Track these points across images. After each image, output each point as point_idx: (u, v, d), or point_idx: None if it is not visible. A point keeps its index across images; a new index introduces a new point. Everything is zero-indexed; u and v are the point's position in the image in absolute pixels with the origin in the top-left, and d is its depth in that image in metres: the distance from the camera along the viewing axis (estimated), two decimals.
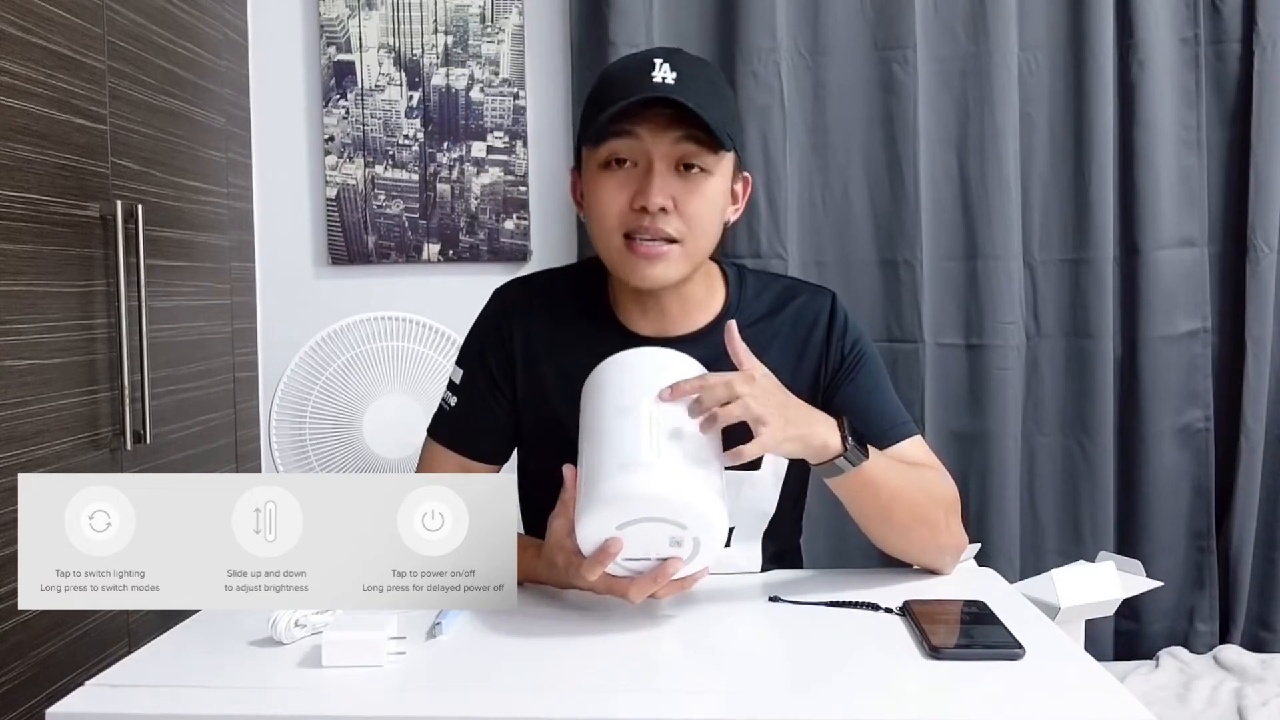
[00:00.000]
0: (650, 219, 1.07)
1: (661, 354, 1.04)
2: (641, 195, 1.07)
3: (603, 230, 1.11)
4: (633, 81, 1.06)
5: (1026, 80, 2.17)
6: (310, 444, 1.80)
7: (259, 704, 0.83)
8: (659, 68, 1.05)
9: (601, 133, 1.08)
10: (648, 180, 1.07)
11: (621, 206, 1.09)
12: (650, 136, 1.07)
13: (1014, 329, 2.16)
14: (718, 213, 1.13)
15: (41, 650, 1.48)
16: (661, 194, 1.07)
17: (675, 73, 1.05)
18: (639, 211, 1.08)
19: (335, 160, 2.28)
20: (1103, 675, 0.87)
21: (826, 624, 1.01)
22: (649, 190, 1.06)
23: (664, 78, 1.04)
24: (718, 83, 1.13)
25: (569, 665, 0.91)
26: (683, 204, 1.08)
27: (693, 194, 1.08)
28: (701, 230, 1.11)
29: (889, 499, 1.09)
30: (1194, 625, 2.17)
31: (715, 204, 1.12)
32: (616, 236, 1.10)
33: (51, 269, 1.51)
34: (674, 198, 1.08)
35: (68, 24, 1.55)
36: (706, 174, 1.09)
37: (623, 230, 1.10)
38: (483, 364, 1.23)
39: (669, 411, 0.95)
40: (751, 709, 0.81)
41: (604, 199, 1.10)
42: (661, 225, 1.08)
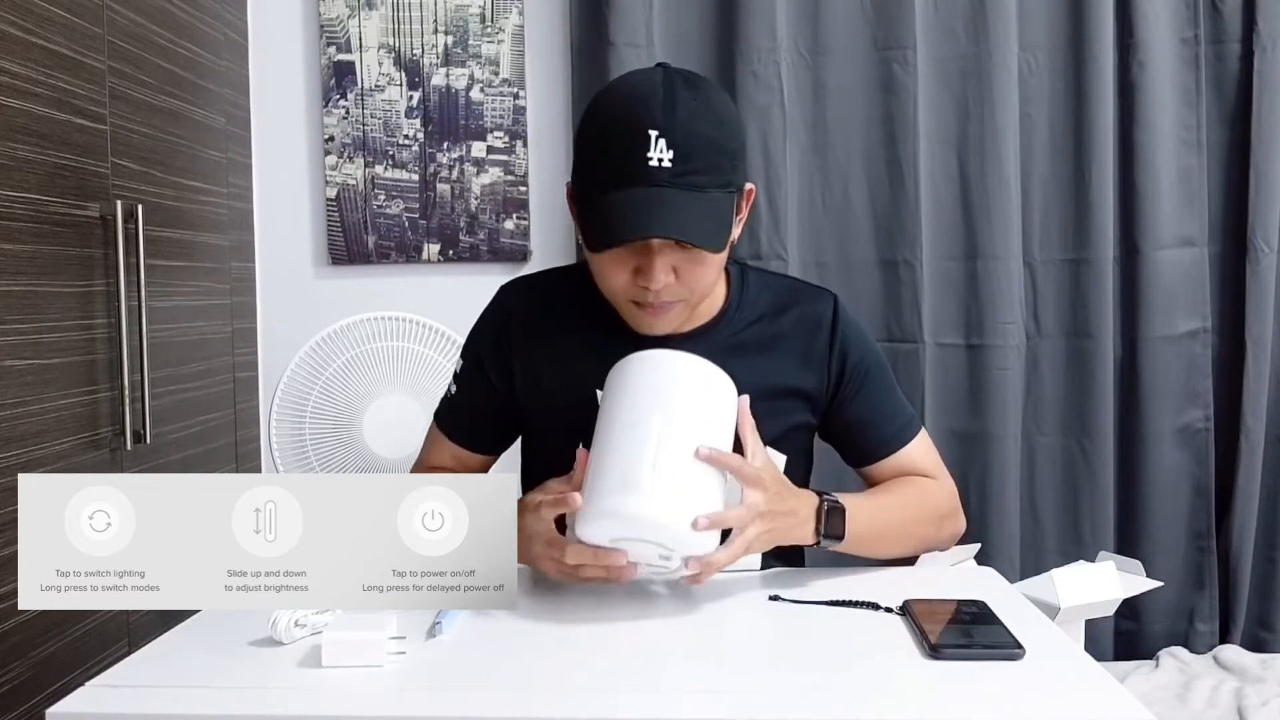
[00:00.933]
0: (653, 294, 1.08)
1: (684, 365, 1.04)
2: (642, 275, 1.07)
3: (607, 293, 1.14)
4: (629, 164, 1.03)
5: (1026, 80, 2.17)
6: (310, 444, 1.80)
7: (259, 704, 0.83)
8: (654, 145, 1.02)
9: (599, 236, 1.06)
10: (649, 263, 1.06)
11: (625, 279, 1.09)
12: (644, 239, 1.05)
13: (1014, 329, 2.16)
14: (719, 266, 1.13)
15: (41, 650, 1.48)
16: (664, 274, 1.07)
17: (672, 150, 1.02)
18: (642, 287, 1.08)
19: (335, 160, 2.28)
20: (1103, 675, 0.87)
21: (827, 623, 1.01)
22: (650, 275, 1.06)
23: (659, 159, 1.02)
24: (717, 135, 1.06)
25: (569, 665, 0.91)
26: (684, 274, 1.08)
27: (695, 264, 1.08)
28: (705, 288, 1.13)
29: (874, 543, 1.16)
30: (1194, 625, 2.17)
31: (716, 265, 1.12)
32: (623, 301, 1.13)
33: (51, 269, 1.51)
34: (675, 268, 1.08)
35: (68, 24, 1.55)
36: None
37: (627, 298, 1.11)
38: (480, 359, 1.26)
39: (677, 432, 0.98)
40: (751, 709, 0.81)
41: (606, 274, 1.11)
42: (666, 297, 1.09)
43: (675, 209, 1.03)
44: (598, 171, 1.08)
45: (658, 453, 0.96)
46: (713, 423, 1.03)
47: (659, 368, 1.04)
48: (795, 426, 1.22)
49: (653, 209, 1.03)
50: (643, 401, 1.01)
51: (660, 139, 1.02)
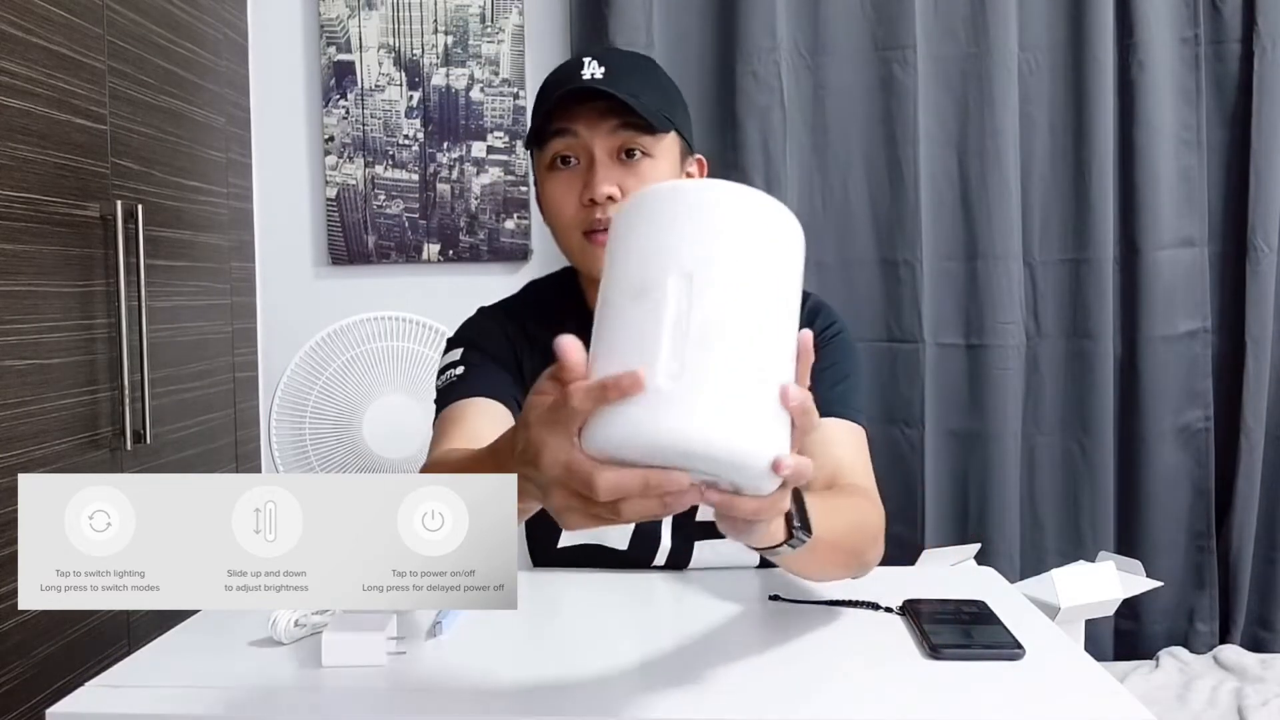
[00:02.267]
0: (601, 209, 1.09)
1: (708, 191, 0.68)
2: (588, 188, 1.09)
3: (561, 229, 1.13)
4: (563, 81, 1.09)
5: (1026, 80, 2.17)
6: (310, 444, 1.80)
7: (259, 704, 0.83)
8: (588, 66, 1.08)
9: (542, 134, 1.10)
10: (591, 174, 1.09)
11: (573, 204, 1.10)
12: (587, 130, 1.08)
13: (1014, 329, 2.16)
14: None
15: (41, 650, 1.48)
16: (606, 183, 1.08)
17: (604, 68, 1.08)
18: (589, 206, 1.09)
19: (335, 160, 2.28)
20: (1103, 675, 0.87)
21: (826, 623, 1.01)
22: (593, 182, 1.08)
23: (593, 74, 1.08)
24: (650, 71, 1.16)
25: (568, 665, 0.91)
26: (629, 189, 1.09)
27: (637, 177, 1.10)
28: None
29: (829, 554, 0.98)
30: (1194, 625, 2.17)
31: None
32: (575, 234, 1.12)
33: (51, 269, 1.51)
34: (619, 185, 1.09)
35: (68, 24, 1.55)
36: (649, 158, 1.11)
37: (580, 228, 1.11)
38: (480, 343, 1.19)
39: (707, 289, 0.64)
40: (751, 709, 0.81)
41: (555, 199, 1.12)
42: (612, 214, 1.08)
43: (603, 84, 1.06)
44: (540, 104, 1.11)
45: (678, 329, 0.63)
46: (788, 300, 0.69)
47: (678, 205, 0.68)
48: None
49: (575, 88, 1.07)
50: (654, 257, 0.66)
51: (593, 61, 1.09)
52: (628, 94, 1.06)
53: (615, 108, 1.07)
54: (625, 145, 1.10)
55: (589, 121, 1.08)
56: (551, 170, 1.12)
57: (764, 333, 0.66)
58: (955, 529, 2.20)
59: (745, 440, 0.64)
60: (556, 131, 1.09)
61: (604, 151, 1.09)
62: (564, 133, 1.09)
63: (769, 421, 0.65)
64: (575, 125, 1.09)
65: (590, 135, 1.09)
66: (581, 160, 1.10)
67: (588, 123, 1.08)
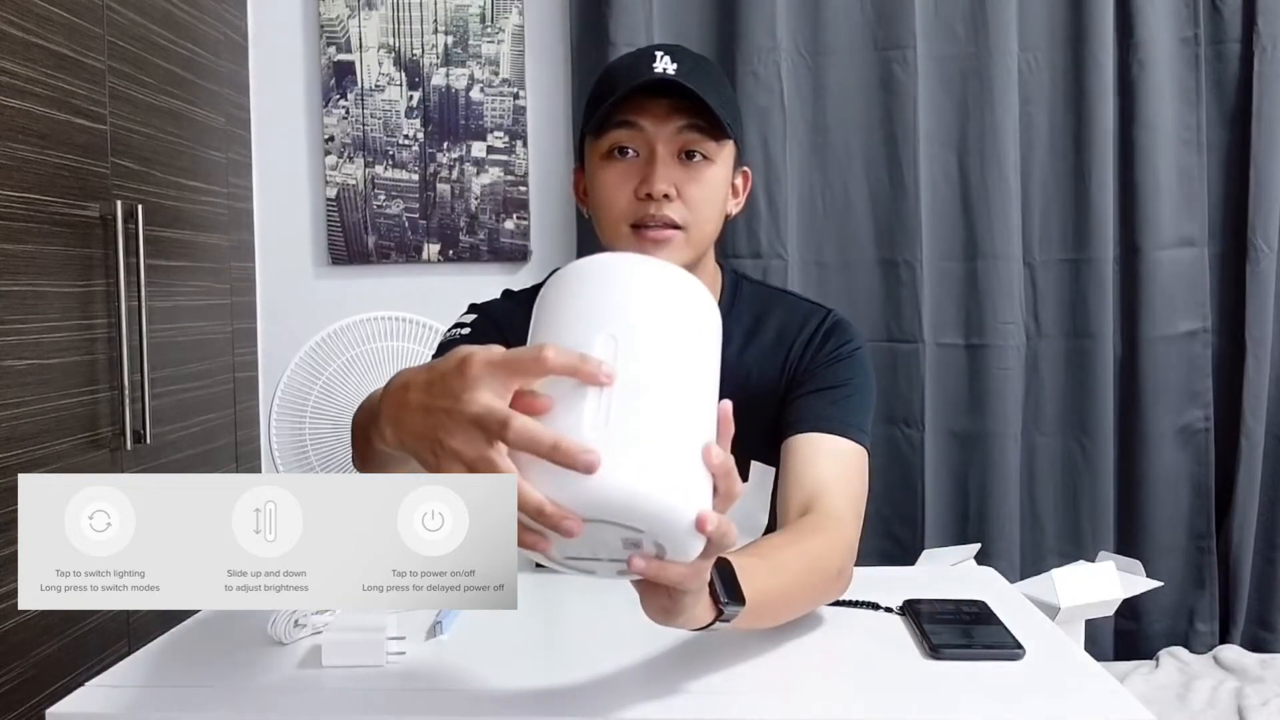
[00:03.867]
0: (655, 205, 1.07)
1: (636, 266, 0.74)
2: (645, 183, 1.07)
3: (609, 220, 1.11)
4: (635, 72, 1.06)
5: (1026, 80, 2.17)
6: (310, 444, 1.80)
7: (259, 704, 0.83)
8: (660, 59, 1.06)
9: (605, 122, 1.08)
10: (651, 168, 1.07)
11: (627, 195, 1.08)
12: (652, 125, 1.07)
13: (1014, 329, 2.16)
14: (720, 201, 1.13)
15: (41, 650, 1.48)
16: (665, 180, 1.07)
17: (676, 64, 1.06)
18: (643, 200, 1.07)
19: (335, 160, 2.28)
20: (1103, 675, 0.87)
21: (827, 623, 1.01)
22: (653, 177, 1.06)
23: (665, 68, 1.05)
24: (718, 76, 1.14)
25: (569, 665, 0.91)
26: (685, 191, 1.08)
27: (695, 181, 1.09)
28: (705, 216, 1.10)
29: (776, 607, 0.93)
30: (1194, 625, 2.17)
31: (717, 191, 1.11)
32: (623, 226, 1.10)
33: (51, 269, 1.51)
34: (676, 185, 1.08)
35: (68, 24, 1.55)
36: (708, 162, 1.10)
37: (629, 220, 1.09)
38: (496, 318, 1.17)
39: (631, 351, 0.67)
40: (751, 709, 0.81)
41: (609, 188, 1.10)
42: (666, 211, 1.07)
43: (681, 79, 1.04)
44: (605, 91, 1.08)
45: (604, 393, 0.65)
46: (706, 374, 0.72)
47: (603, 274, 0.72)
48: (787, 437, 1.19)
49: (653, 79, 1.05)
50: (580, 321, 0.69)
51: (665, 56, 1.06)
52: (702, 92, 1.04)
53: (683, 107, 1.06)
54: (687, 146, 1.08)
55: (655, 116, 1.07)
56: (608, 159, 1.10)
57: (685, 395, 0.69)
58: (955, 529, 2.20)
59: (669, 494, 0.65)
60: (621, 122, 1.07)
61: (666, 148, 1.08)
62: (629, 125, 1.07)
63: (693, 479, 0.67)
64: (641, 118, 1.07)
65: (655, 130, 1.07)
66: (641, 154, 1.08)
67: (654, 117, 1.07)
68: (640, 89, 1.05)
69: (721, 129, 1.07)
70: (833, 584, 1.00)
